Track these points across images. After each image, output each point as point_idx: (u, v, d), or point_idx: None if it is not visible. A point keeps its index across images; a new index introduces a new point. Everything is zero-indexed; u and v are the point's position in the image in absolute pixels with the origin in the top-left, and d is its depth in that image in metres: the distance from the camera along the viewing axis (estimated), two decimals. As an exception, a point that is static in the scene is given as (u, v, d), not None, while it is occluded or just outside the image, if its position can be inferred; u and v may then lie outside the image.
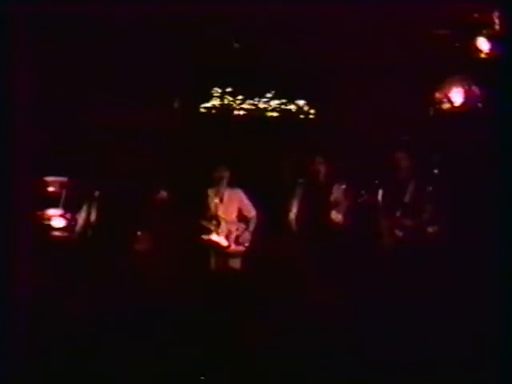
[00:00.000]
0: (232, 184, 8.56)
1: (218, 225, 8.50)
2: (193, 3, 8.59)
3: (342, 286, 7.45)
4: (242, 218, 8.59)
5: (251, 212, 8.58)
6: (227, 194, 8.55)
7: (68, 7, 8.18)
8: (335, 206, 8.51)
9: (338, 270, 7.76)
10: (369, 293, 7.25)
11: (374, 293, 7.24)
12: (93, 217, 8.42)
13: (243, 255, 8.50)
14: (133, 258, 8.06)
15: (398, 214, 8.20)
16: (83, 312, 6.96)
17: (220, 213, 8.53)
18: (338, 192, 8.56)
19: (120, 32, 9.11)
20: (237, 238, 8.51)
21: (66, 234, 8.59)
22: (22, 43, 6.29)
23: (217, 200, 8.52)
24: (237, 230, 8.53)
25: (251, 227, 8.56)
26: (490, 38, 8.64)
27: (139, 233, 8.33)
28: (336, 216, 8.43)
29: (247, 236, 8.53)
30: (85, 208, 8.48)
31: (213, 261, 8.48)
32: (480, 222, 7.40)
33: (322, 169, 8.62)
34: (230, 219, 8.55)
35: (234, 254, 8.50)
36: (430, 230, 8.07)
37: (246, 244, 8.52)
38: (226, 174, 8.55)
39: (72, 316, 6.88)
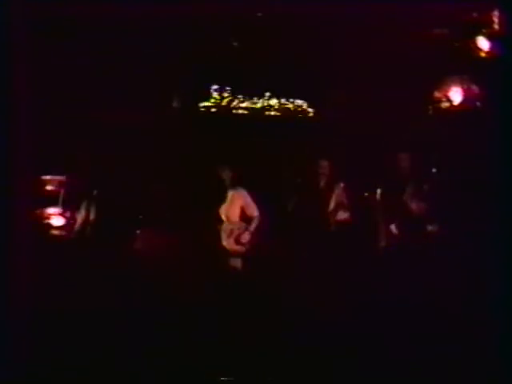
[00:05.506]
0: (234, 184, 8.55)
1: (220, 225, 8.50)
2: (193, 3, 8.59)
3: (342, 285, 7.46)
4: (245, 217, 8.57)
5: (254, 212, 8.54)
6: (230, 194, 8.53)
7: (68, 7, 8.19)
8: (336, 205, 8.52)
9: (338, 269, 7.76)
10: (369, 292, 7.26)
11: (375, 292, 7.25)
12: (92, 215, 8.44)
13: (244, 255, 8.49)
14: (132, 257, 8.08)
15: (397, 213, 8.21)
16: (83, 311, 6.97)
17: (222, 213, 8.52)
18: (338, 192, 8.57)
19: (120, 32, 9.12)
20: (238, 237, 8.50)
21: (65, 232, 8.61)
22: (22, 43, 6.29)
23: (219, 200, 8.52)
24: (238, 229, 8.52)
25: (253, 227, 8.55)
26: (489, 37, 8.66)
27: (138, 231, 8.35)
28: (340, 216, 8.45)
29: (248, 236, 8.52)
30: (84, 206, 8.50)
31: (214, 260, 8.47)
32: (479, 221, 7.40)
33: (322, 168, 8.62)
34: (232, 219, 8.53)
35: (235, 254, 8.49)
36: (429, 228, 8.09)
37: (247, 244, 8.51)
38: (228, 174, 8.54)
39: (72, 315, 6.89)
